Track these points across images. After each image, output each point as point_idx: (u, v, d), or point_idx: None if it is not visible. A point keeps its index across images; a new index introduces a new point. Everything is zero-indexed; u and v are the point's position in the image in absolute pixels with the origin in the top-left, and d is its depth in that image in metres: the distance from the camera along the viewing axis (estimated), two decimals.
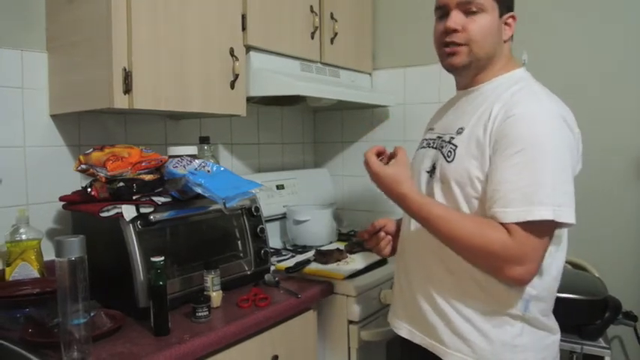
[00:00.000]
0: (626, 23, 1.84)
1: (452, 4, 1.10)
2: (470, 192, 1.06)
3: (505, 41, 1.14)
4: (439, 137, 1.19)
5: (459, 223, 1.02)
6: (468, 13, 1.09)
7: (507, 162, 0.99)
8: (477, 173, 1.05)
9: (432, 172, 1.16)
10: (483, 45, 1.10)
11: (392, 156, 1.13)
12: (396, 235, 1.33)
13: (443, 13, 1.13)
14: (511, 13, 1.14)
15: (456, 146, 1.10)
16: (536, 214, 0.94)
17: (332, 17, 2.05)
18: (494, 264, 0.99)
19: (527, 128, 0.99)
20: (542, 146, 0.98)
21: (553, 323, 1.13)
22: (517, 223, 0.96)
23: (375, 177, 1.11)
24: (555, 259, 1.09)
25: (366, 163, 1.12)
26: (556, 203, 0.95)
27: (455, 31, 1.10)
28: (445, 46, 1.13)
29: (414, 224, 1.19)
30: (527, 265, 0.97)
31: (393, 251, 1.32)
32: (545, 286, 1.07)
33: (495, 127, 1.03)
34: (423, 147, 1.25)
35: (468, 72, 1.15)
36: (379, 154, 1.15)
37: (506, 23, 1.13)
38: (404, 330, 1.23)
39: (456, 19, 1.09)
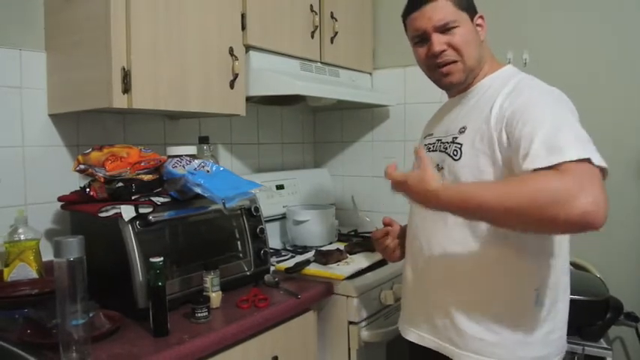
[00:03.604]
0: (627, 23, 1.83)
1: (429, 29, 1.14)
2: None
3: (482, 41, 1.19)
4: (439, 140, 1.20)
5: (503, 187, 0.93)
6: (446, 31, 1.14)
7: (526, 128, 0.96)
8: (487, 167, 1.06)
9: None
10: (470, 55, 1.15)
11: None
12: (400, 239, 1.34)
13: (421, 38, 1.17)
14: (479, 14, 1.19)
15: (461, 144, 1.12)
16: (568, 156, 0.88)
17: (332, 16, 2.05)
18: (559, 206, 0.84)
19: (540, 105, 1.00)
20: (557, 116, 0.97)
21: (560, 316, 1.12)
22: (560, 165, 0.88)
23: (402, 185, 1.02)
24: (561, 240, 1.10)
25: (390, 176, 1.04)
26: (585, 149, 0.90)
27: (443, 51, 1.14)
28: (437, 67, 1.16)
29: (422, 226, 1.19)
30: (590, 194, 0.83)
31: (402, 255, 1.33)
32: (552, 272, 1.09)
33: (503, 115, 1.04)
34: None
35: (465, 83, 1.19)
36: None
37: (478, 25, 1.18)
38: (413, 334, 1.22)
39: (439, 40, 1.14)
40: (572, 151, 0.88)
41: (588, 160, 0.88)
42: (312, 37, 1.97)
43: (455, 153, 1.12)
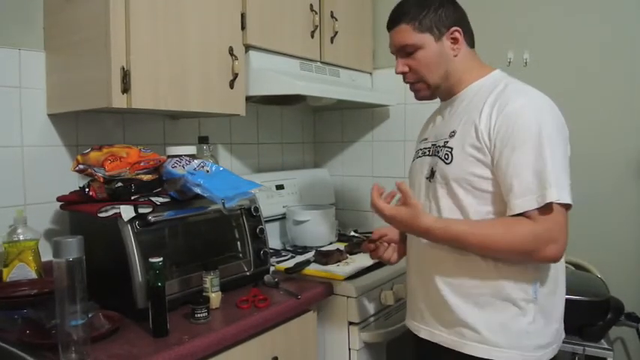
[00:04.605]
0: (627, 23, 1.83)
1: (393, 51, 1.26)
2: (471, 188, 1.12)
3: (456, 56, 1.21)
4: (433, 144, 1.25)
5: (487, 231, 1.07)
6: (408, 54, 1.22)
7: (513, 156, 1.05)
8: (476, 170, 1.11)
9: (430, 176, 1.21)
10: (432, 74, 1.22)
11: (393, 193, 1.20)
12: (401, 241, 1.37)
13: (395, 57, 1.27)
14: (453, 29, 1.20)
15: (451, 148, 1.16)
16: (548, 197, 1.02)
17: (332, 16, 2.04)
18: (531, 253, 1.06)
19: (525, 121, 1.06)
20: (540, 138, 1.05)
21: (557, 307, 1.16)
22: (536, 209, 1.03)
23: (392, 219, 1.13)
24: None
25: (378, 210, 1.13)
26: (560, 186, 1.03)
27: (404, 73, 1.25)
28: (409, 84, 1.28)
29: None
30: (558, 242, 1.04)
31: (400, 256, 1.34)
32: (551, 265, 1.13)
33: (492, 125, 1.09)
34: (419, 157, 1.31)
35: (438, 94, 1.27)
36: (381, 194, 1.18)
37: (453, 39, 1.20)
38: (424, 331, 1.24)
39: (402, 62, 1.24)
40: (552, 193, 1.02)
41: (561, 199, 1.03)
42: (312, 36, 1.97)
43: (446, 157, 1.16)
